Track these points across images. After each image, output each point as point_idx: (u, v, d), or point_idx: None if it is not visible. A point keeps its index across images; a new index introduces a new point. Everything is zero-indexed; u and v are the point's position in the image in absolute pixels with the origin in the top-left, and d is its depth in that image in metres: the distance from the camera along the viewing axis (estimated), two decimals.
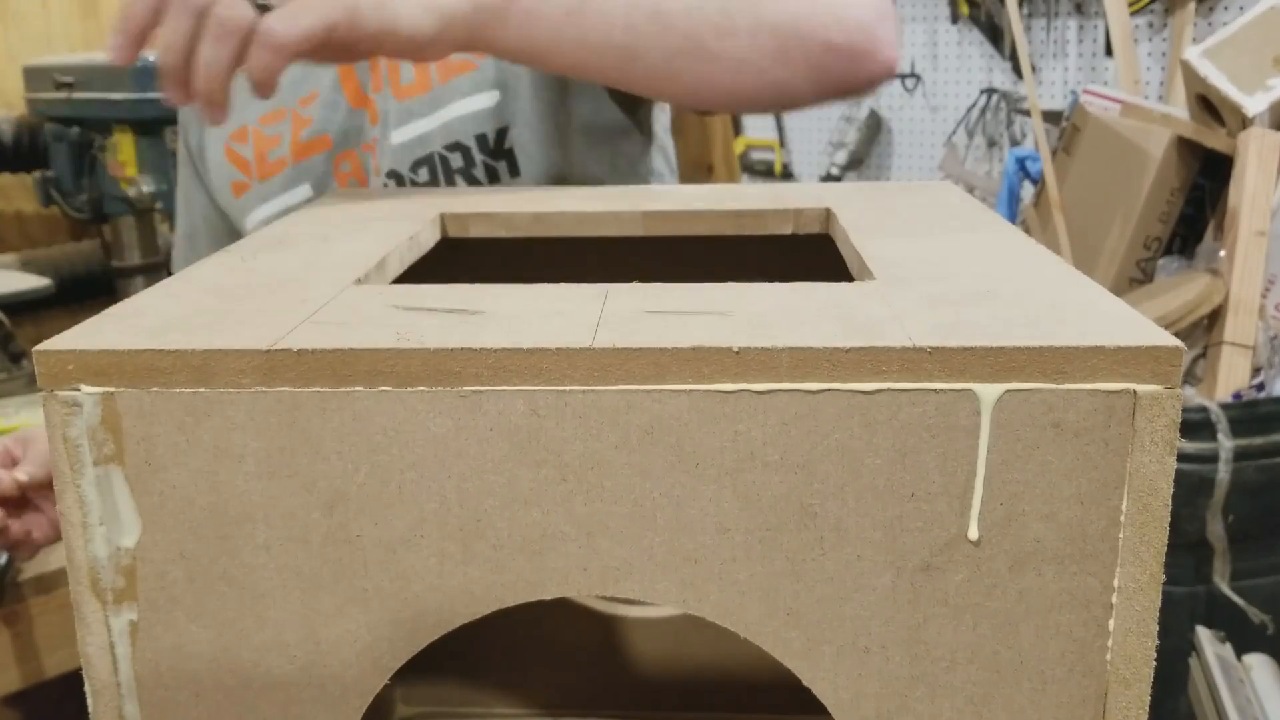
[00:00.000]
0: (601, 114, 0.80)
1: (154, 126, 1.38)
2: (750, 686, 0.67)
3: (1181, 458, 0.72)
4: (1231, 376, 1.52)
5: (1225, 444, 1.35)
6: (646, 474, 0.35)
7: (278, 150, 0.86)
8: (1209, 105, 1.71)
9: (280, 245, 0.50)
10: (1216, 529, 1.38)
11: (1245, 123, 1.62)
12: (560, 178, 0.78)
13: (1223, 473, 1.35)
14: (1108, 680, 0.36)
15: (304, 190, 0.86)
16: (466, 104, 0.79)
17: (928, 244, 0.47)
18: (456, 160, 0.78)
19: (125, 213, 1.43)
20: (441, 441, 0.35)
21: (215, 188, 0.88)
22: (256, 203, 0.87)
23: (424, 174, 0.78)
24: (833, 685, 0.37)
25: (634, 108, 0.80)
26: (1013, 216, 2.01)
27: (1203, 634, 1.39)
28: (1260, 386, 1.52)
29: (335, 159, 0.84)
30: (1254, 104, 1.61)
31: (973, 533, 0.35)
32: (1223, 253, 1.59)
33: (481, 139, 0.79)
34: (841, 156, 2.42)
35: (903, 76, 2.37)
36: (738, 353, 0.34)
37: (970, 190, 2.11)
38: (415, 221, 0.54)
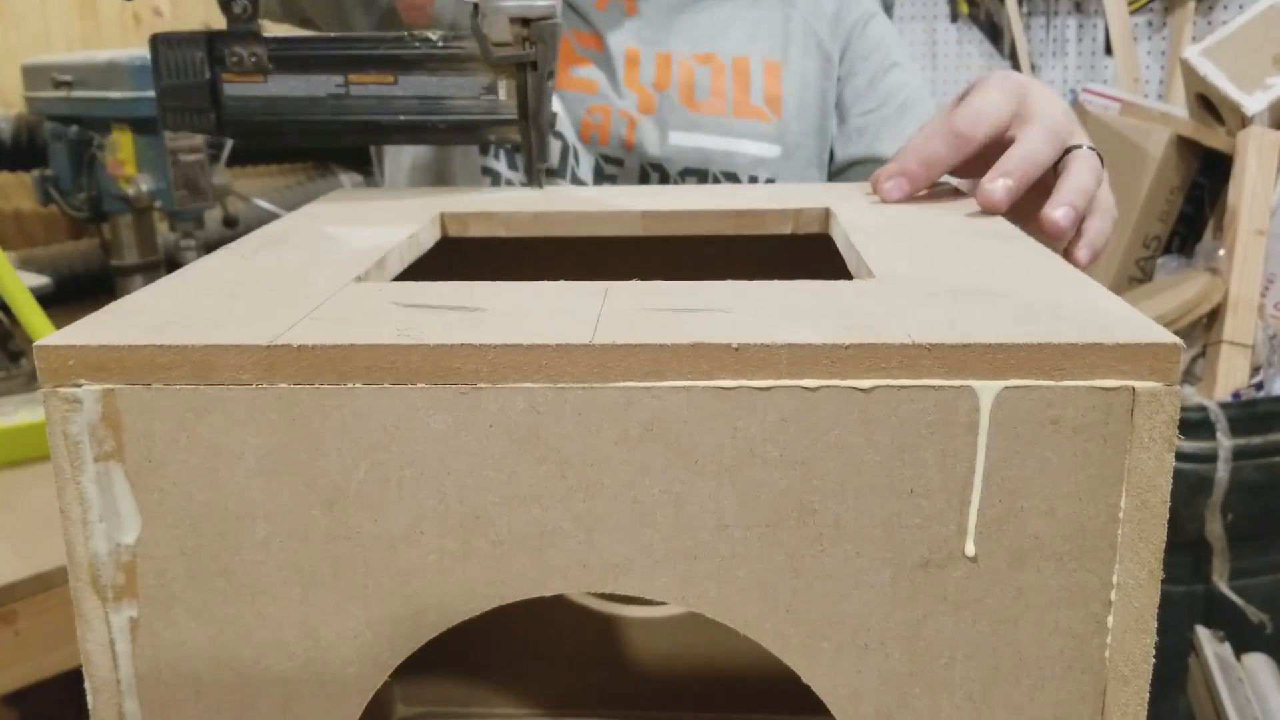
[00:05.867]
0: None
1: (152, 125, 1.38)
2: (750, 685, 0.67)
3: (1180, 457, 0.72)
4: (1230, 375, 1.52)
5: (1224, 443, 1.35)
6: (646, 470, 0.35)
7: None
8: (1208, 104, 1.71)
9: (280, 242, 0.50)
10: (1215, 528, 1.38)
11: (1244, 121, 1.62)
12: None
13: (1222, 472, 1.35)
14: (1106, 677, 0.36)
15: (555, 106, 0.86)
16: (754, 146, 0.85)
17: (927, 242, 0.47)
18: (711, 184, 0.83)
19: (124, 211, 1.43)
20: (441, 438, 0.35)
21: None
22: None
23: (690, 183, 0.84)
24: (832, 682, 0.37)
25: None
26: None
27: (1202, 633, 1.39)
28: (1259, 385, 1.52)
29: (590, 106, 0.86)
30: (1253, 103, 1.61)
31: (969, 549, 0.35)
32: (1222, 251, 1.59)
33: (753, 179, 0.84)
34: None
35: None
36: (737, 349, 0.34)
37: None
38: (415, 220, 0.54)
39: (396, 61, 0.61)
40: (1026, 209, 0.55)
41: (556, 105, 0.86)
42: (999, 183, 0.54)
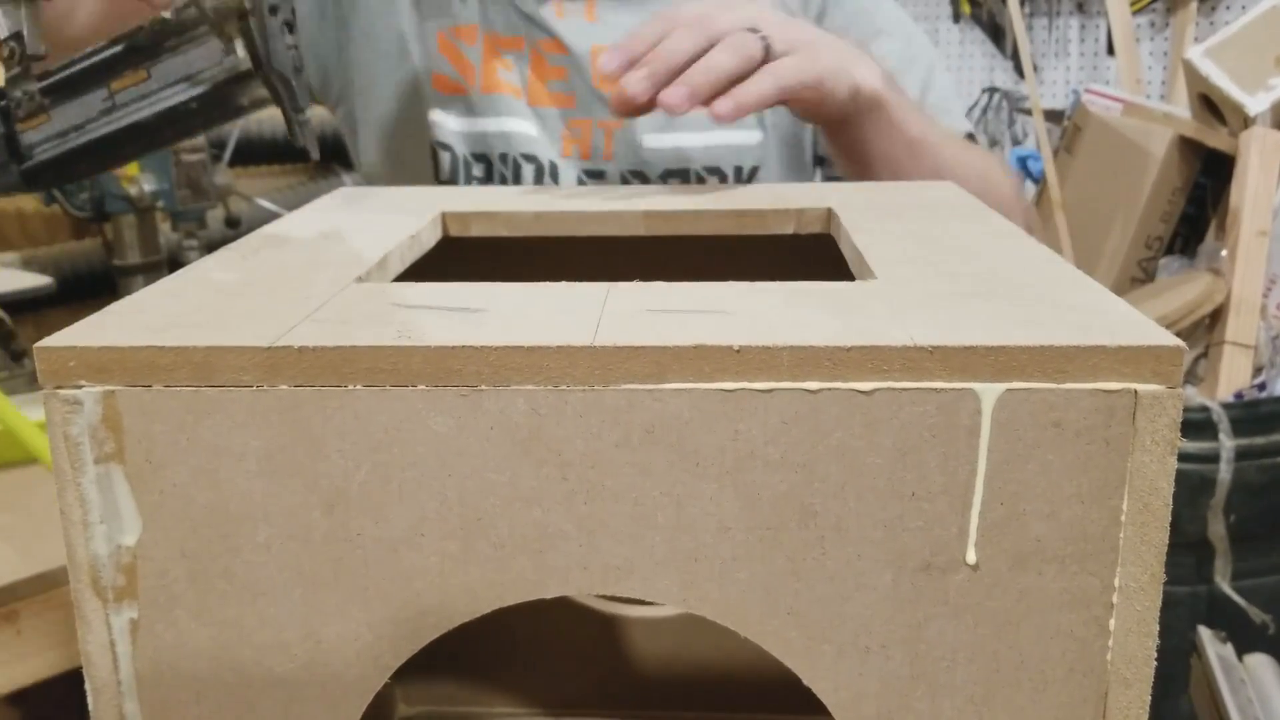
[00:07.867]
0: (830, 169, 0.86)
1: None
2: (751, 686, 0.67)
3: (1183, 457, 0.71)
4: (1233, 376, 1.52)
5: (1227, 444, 1.35)
6: (647, 473, 0.35)
7: (510, 76, 0.84)
8: (1211, 105, 1.71)
9: (281, 243, 0.50)
10: (1218, 529, 1.38)
11: (1247, 122, 1.62)
12: None
13: (1224, 472, 1.35)
14: (1108, 680, 0.36)
15: (529, 129, 0.83)
16: (733, 135, 0.82)
17: (929, 243, 0.47)
18: (713, 184, 0.81)
19: (126, 211, 1.43)
20: (442, 440, 0.35)
21: (419, 76, 0.85)
22: (464, 113, 0.84)
23: (674, 184, 0.81)
24: (833, 685, 0.37)
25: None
26: None
27: (1204, 634, 1.39)
28: (1262, 386, 1.52)
29: (570, 121, 0.83)
30: (1256, 103, 1.61)
31: (970, 552, 0.35)
32: (1224, 252, 1.59)
33: (738, 170, 0.81)
34: None
35: None
36: (738, 351, 0.34)
37: None
38: (416, 220, 0.54)
39: (140, 52, 0.56)
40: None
41: (533, 127, 0.83)
42: (634, 76, 0.58)
